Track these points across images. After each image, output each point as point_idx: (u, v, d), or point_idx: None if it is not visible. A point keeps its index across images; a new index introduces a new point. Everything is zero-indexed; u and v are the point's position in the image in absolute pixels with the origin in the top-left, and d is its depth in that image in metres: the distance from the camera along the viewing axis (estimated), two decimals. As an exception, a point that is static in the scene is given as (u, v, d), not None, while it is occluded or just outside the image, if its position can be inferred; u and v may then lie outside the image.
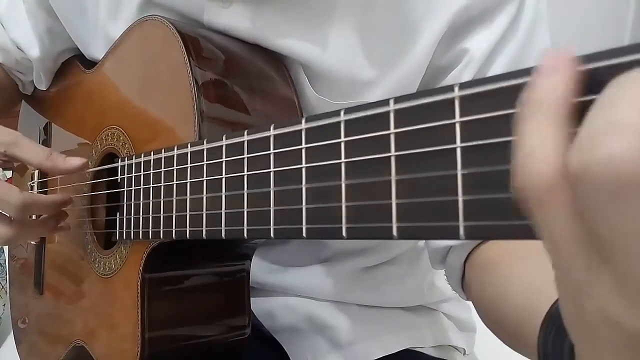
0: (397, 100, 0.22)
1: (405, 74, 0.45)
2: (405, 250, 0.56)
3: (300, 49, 0.44)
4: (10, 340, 0.66)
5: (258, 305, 0.56)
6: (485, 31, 0.44)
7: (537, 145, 0.16)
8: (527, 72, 0.18)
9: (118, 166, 0.45)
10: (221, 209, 0.32)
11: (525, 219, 0.17)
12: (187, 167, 0.35)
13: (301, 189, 0.26)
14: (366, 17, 0.44)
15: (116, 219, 0.45)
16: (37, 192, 0.59)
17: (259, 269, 0.54)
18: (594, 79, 0.16)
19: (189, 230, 0.35)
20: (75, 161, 0.45)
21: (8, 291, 0.72)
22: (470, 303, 0.48)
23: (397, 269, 0.57)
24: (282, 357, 0.55)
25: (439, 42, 0.44)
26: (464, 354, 0.60)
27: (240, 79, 0.43)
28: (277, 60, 0.46)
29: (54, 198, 0.47)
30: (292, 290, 0.56)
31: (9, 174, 0.47)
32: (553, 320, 0.28)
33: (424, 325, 0.58)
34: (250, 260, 0.48)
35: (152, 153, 0.40)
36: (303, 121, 0.26)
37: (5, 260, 0.84)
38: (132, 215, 0.42)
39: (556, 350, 0.26)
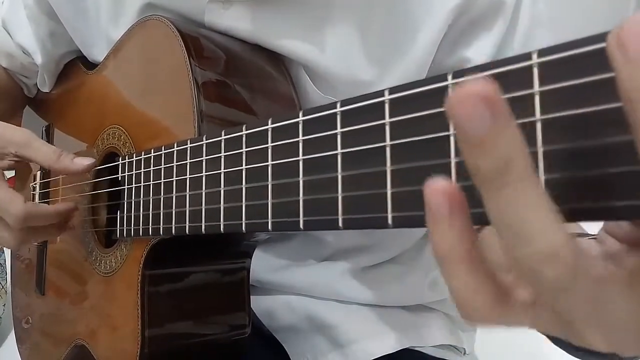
0: (392, 90, 0.22)
1: (405, 73, 0.45)
2: (406, 249, 0.56)
3: (300, 50, 0.45)
4: (10, 340, 0.67)
5: (258, 303, 0.56)
6: (485, 39, 0.45)
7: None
8: (521, 58, 0.18)
9: (119, 164, 0.45)
10: (220, 204, 0.32)
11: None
12: (187, 162, 0.35)
13: (298, 181, 0.27)
14: (365, 17, 0.44)
15: (117, 217, 0.45)
16: (40, 192, 0.60)
17: (259, 267, 0.55)
18: None
19: (188, 226, 0.35)
20: (83, 161, 0.45)
21: (8, 291, 0.72)
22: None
23: (397, 268, 0.57)
24: (282, 356, 0.55)
25: (441, 44, 0.45)
26: (464, 353, 0.60)
27: (240, 78, 0.44)
28: (277, 60, 0.46)
29: (57, 208, 0.46)
30: (292, 288, 0.56)
31: (8, 173, 0.47)
32: None
33: (425, 325, 0.57)
34: (251, 259, 0.48)
35: (152, 150, 0.40)
36: (300, 114, 0.27)
37: (5, 260, 0.84)
38: (133, 212, 0.42)
39: None
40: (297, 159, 0.26)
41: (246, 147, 0.30)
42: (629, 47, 0.14)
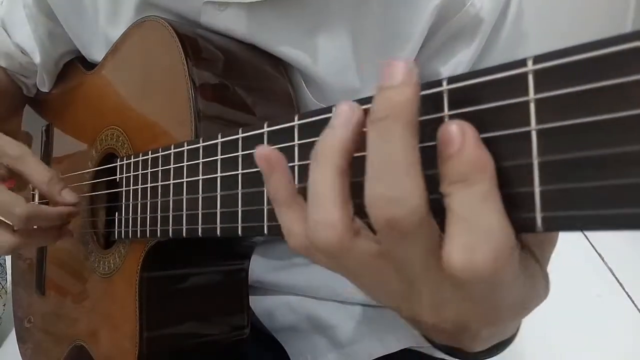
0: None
1: None
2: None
3: (294, 56, 0.45)
4: (10, 340, 0.67)
5: (258, 304, 0.56)
6: (463, 55, 0.46)
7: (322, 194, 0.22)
8: (513, 65, 0.18)
9: (117, 166, 0.45)
10: (216, 208, 0.32)
11: None
12: (184, 165, 0.35)
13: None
14: (359, 24, 0.44)
15: (115, 218, 0.45)
16: (39, 194, 0.60)
17: (259, 267, 0.55)
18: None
19: (185, 229, 0.35)
20: (68, 197, 0.45)
21: (8, 291, 0.72)
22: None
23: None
24: (282, 357, 0.55)
25: (422, 52, 0.45)
26: (464, 353, 0.60)
27: (238, 79, 0.43)
28: (275, 61, 0.46)
29: (60, 210, 0.47)
30: (291, 289, 0.56)
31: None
32: None
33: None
34: (249, 260, 0.48)
35: (149, 152, 0.40)
36: (296, 117, 0.26)
37: (5, 260, 0.84)
38: (131, 215, 0.42)
39: None
40: (293, 164, 0.26)
41: (242, 151, 0.30)
42: None
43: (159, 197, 0.38)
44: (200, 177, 0.33)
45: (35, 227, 0.46)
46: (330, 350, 0.54)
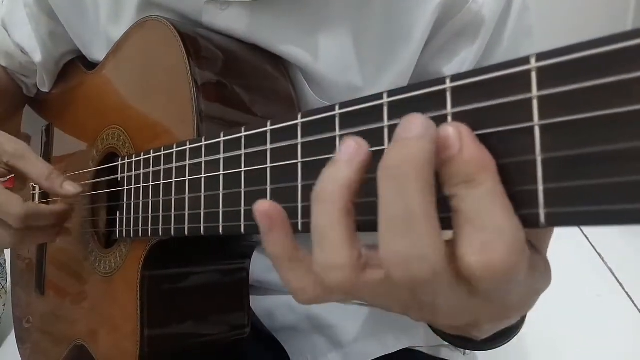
0: (391, 93, 0.22)
1: (396, 78, 0.45)
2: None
3: (295, 54, 0.45)
4: (11, 340, 0.67)
5: (258, 303, 0.56)
6: (466, 54, 0.46)
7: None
8: (516, 62, 0.18)
9: (118, 165, 0.45)
10: (219, 207, 0.32)
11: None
12: (186, 164, 0.35)
13: (297, 185, 0.26)
14: (361, 23, 0.44)
15: (116, 217, 0.45)
16: (40, 192, 0.59)
17: (259, 267, 0.54)
18: None
19: (187, 227, 0.35)
20: (71, 188, 0.45)
21: (8, 291, 0.72)
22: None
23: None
24: (282, 356, 0.55)
25: (426, 50, 0.45)
26: (464, 353, 0.60)
27: (239, 79, 0.44)
28: (277, 60, 0.46)
29: (56, 208, 0.47)
30: (291, 289, 0.56)
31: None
32: None
33: (424, 325, 0.57)
34: (250, 259, 0.48)
35: (151, 151, 0.40)
36: (299, 116, 0.26)
37: (5, 260, 0.84)
38: (132, 214, 0.42)
39: None
40: (296, 161, 0.26)
41: (245, 149, 0.30)
42: None
43: (161, 196, 0.38)
44: (203, 175, 0.33)
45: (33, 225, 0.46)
46: (330, 350, 0.54)
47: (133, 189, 0.42)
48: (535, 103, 0.17)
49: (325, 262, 0.21)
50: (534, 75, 0.17)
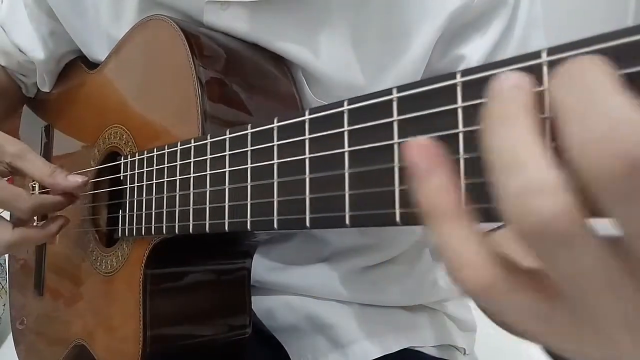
0: (400, 89, 0.23)
1: (399, 77, 0.46)
2: (406, 249, 0.57)
3: (296, 53, 0.45)
4: (11, 340, 0.66)
5: (258, 304, 0.56)
6: (481, 37, 0.46)
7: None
8: (526, 57, 0.18)
9: (120, 164, 0.45)
10: (224, 202, 0.32)
11: None
12: (191, 161, 0.35)
13: (305, 179, 0.27)
14: (360, 21, 0.45)
15: (118, 216, 0.45)
16: (40, 192, 0.59)
17: (260, 267, 0.55)
18: None
19: (192, 224, 0.35)
20: (77, 178, 0.45)
21: (8, 291, 0.72)
22: (471, 303, 0.49)
23: (397, 268, 0.57)
24: (282, 356, 0.55)
25: (436, 45, 0.45)
26: (464, 353, 0.60)
27: (243, 78, 0.44)
28: (279, 60, 0.46)
29: (60, 198, 0.47)
30: (292, 288, 0.56)
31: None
32: None
33: (424, 325, 0.58)
34: (252, 259, 0.48)
35: (155, 149, 0.40)
36: (307, 112, 0.27)
37: (5, 260, 0.84)
38: (135, 211, 0.42)
39: None
40: (304, 157, 0.27)
41: (251, 146, 0.30)
42: None
43: (165, 193, 0.38)
44: (208, 172, 0.34)
45: (34, 223, 0.46)
46: (330, 350, 0.54)
47: (136, 187, 0.42)
48: (546, 95, 0.17)
49: (522, 183, 0.15)
50: (545, 69, 0.18)
